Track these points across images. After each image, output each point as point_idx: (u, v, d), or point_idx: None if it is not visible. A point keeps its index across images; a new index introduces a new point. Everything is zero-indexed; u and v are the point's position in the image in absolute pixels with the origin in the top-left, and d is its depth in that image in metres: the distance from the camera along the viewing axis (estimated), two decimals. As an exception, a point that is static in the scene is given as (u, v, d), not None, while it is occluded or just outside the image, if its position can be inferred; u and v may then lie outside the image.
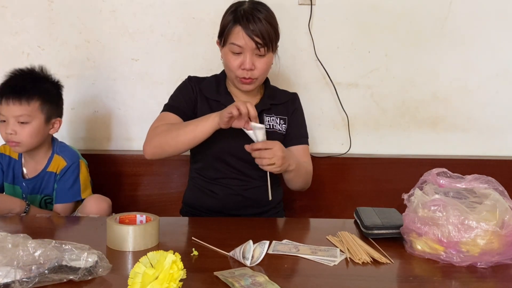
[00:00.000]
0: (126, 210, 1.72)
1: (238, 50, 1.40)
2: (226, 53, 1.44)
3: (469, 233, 1.01)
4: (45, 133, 1.55)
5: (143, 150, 1.44)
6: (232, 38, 1.40)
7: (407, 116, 2.05)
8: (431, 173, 1.16)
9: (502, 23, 1.99)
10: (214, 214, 1.52)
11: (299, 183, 1.51)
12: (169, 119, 1.47)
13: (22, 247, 0.88)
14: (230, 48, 1.42)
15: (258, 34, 1.37)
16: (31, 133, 1.49)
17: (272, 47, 1.43)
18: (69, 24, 1.94)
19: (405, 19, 1.98)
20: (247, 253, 0.99)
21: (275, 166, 1.29)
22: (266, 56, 1.42)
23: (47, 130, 1.55)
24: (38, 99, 1.50)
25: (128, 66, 1.97)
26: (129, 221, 1.13)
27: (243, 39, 1.38)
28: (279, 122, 1.55)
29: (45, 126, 1.54)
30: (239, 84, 1.47)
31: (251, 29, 1.37)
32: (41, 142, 1.56)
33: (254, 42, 1.38)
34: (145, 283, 0.81)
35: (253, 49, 1.39)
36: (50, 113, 1.55)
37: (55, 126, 1.58)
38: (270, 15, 1.43)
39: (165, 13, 1.94)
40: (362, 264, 1.03)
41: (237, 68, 1.42)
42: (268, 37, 1.39)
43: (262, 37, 1.38)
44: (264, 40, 1.38)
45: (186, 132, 1.36)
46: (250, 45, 1.39)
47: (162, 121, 1.46)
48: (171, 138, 1.38)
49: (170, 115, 1.48)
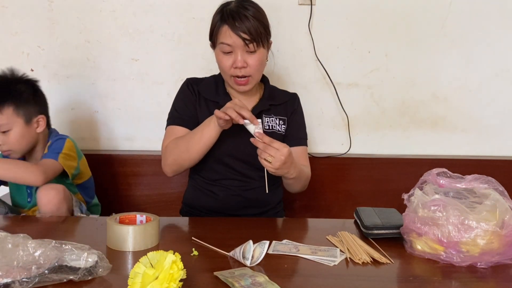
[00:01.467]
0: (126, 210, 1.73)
1: (228, 49, 1.41)
2: (218, 54, 1.45)
3: (469, 233, 1.01)
4: (31, 133, 1.53)
5: (164, 171, 1.47)
6: (221, 38, 1.41)
7: (407, 116, 2.05)
8: (431, 173, 1.16)
9: (502, 23, 1.99)
10: (214, 214, 1.52)
11: (297, 189, 1.51)
12: (177, 133, 1.47)
13: (22, 247, 0.88)
14: (221, 48, 1.42)
15: (245, 31, 1.37)
16: (16, 139, 1.48)
17: (262, 42, 1.42)
18: (69, 24, 1.94)
19: (405, 19, 1.98)
20: (247, 253, 0.99)
21: (271, 166, 1.27)
22: (257, 52, 1.42)
23: (32, 130, 1.53)
24: (10, 105, 1.47)
25: (128, 66, 1.97)
26: (129, 221, 1.13)
27: (230, 38, 1.38)
28: (279, 123, 1.54)
29: (28, 127, 1.51)
30: (234, 85, 1.47)
31: (237, 26, 1.37)
32: (33, 143, 1.55)
33: (241, 39, 1.38)
34: (145, 283, 0.81)
35: (242, 46, 1.39)
36: (29, 114, 1.51)
37: (40, 123, 1.55)
38: (257, 11, 1.42)
39: (165, 13, 1.94)
40: (362, 264, 1.03)
41: (229, 68, 1.42)
42: (256, 32, 1.38)
43: (249, 33, 1.38)
44: (252, 36, 1.38)
45: (195, 143, 1.38)
46: (238, 43, 1.38)
47: (172, 137, 1.46)
48: (183, 152, 1.40)
49: (177, 129, 1.48)
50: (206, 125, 1.37)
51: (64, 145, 1.55)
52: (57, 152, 1.52)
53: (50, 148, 1.54)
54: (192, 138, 1.39)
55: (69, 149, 1.56)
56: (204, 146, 1.38)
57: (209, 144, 1.38)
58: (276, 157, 1.25)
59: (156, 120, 1.96)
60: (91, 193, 1.70)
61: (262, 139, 1.26)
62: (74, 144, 1.61)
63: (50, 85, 1.95)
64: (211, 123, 1.35)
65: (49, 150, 1.54)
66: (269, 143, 1.25)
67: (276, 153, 1.25)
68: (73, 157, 1.58)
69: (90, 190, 1.70)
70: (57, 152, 1.52)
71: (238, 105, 1.28)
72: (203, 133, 1.37)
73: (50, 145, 1.55)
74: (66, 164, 1.53)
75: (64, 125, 1.99)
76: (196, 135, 1.38)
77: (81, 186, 1.65)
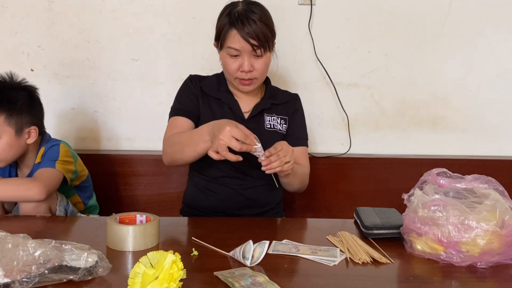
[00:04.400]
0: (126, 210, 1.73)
1: (235, 53, 1.40)
2: (224, 56, 1.44)
3: (469, 233, 1.01)
4: (20, 144, 1.47)
5: (162, 159, 1.46)
6: (229, 42, 1.40)
7: (407, 116, 2.05)
8: (431, 173, 1.16)
9: (502, 23, 1.99)
10: (214, 214, 1.52)
11: (296, 185, 1.50)
12: (179, 124, 1.47)
13: (22, 247, 0.88)
14: (228, 52, 1.42)
15: (254, 36, 1.37)
16: (2, 148, 1.43)
17: (269, 47, 1.42)
18: (69, 24, 1.94)
19: (405, 19, 1.98)
20: (247, 253, 0.99)
21: (291, 162, 1.28)
22: (264, 56, 1.42)
23: (22, 141, 1.47)
24: (2, 113, 1.41)
25: (128, 66, 1.97)
26: (129, 221, 1.13)
27: (239, 43, 1.38)
28: (280, 122, 1.55)
29: (18, 138, 1.45)
30: (239, 85, 1.47)
31: (247, 31, 1.36)
32: (20, 153, 1.50)
33: (250, 44, 1.37)
34: (145, 283, 0.81)
35: (250, 51, 1.39)
36: (20, 124, 1.45)
37: (31, 135, 1.48)
38: (264, 15, 1.41)
39: (165, 13, 1.95)
40: (362, 264, 1.03)
41: (235, 71, 1.42)
42: (264, 38, 1.38)
43: (258, 39, 1.37)
44: (260, 42, 1.38)
45: (189, 151, 1.33)
46: (246, 48, 1.38)
47: (174, 129, 1.46)
48: (178, 152, 1.38)
49: (180, 119, 1.48)
50: (200, 141, 1.29)
51: (59, 152, 1.51)
52: (54, 160, 1.48)
53: (45, 157, 1.49)
54: (187, 146, 1.34)
55: (65, 155, 1.52)
56: (197, 156, 1.34)
57: (203, 154, 1.32)
58: (288, 153, 1.26)
59: (156, 120, 1.96)
60: (89, 192, 1.69)
61: (268, 156, 1.25)
62: (69, 147, 1.57)
63: (50, 85, 1.96)
64: (206, 143, 1.28)
65: (44, 159, 1.49)
66: (275, 152, 1.25)
67: (283, 152, 1.26)
68: (70, 162, 1.54)
69: (88, 189, 1.68)
70: (53, 160, 1.48)
71: (234, 137, 1.18)
72: (198, 146, 1.30)
73: (44, 153, 1.50)
74: (65, 169, 1.49)
75: (64, 125, 1.99)
76: (191, 146, 1.32)
77: (78, 187, 1.64)
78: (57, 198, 1.47)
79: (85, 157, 1.69)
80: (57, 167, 1.46)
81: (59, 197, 1.48)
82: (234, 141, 1.17)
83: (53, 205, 1.45)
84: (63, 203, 1.50)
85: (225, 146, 1.17)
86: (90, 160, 1.71)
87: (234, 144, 1.17)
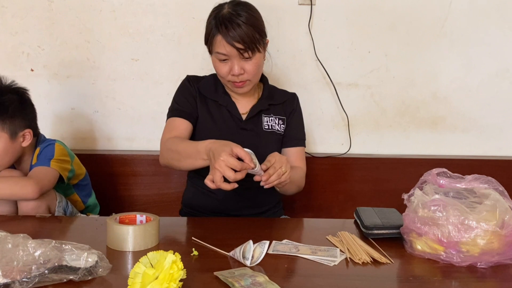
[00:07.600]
0: (126, 210, 1.73)
1: (223, 58, 1.39)
2: (214, 60, 1.44)
3: (469, 233, 1.01)
4: (15, 148, 1.46)
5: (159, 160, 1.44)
6: (216, 47, 1.39)
7: (407, 116, 2.05)
8: (431, 173, 1.16)
9: (502, 23, 1.99)
10: (214, 214, 1.52)
11: (293, 190, 1.49)
12: (177, 125, 1.46)
13: (22, 247, 0.88)
14: (216, 56, 1.41)
15: (239, 40, 1.34)
16: None
17: (258, 48, 1.39)
18: (69, 24, 1.94)
19: (405, 19, 1.98)
20: (247, 253, 0.99)
21: (288, 172, 1.24)
22: (254, 58, 1.39)
23: (17, 145, 1.46)
24: None
25: (128, 66, 1.97)
26: (129, 221, 1.13)
27: (224, 48, 1.36)
28: (278, 122, 1.54)
29: (13, 143, 1.44)
30: (233, 88, 1.47)
31: (231, 36, 1.34)
32: (17, 157, 1.49)
33: (235, 48, 1.35)
34: (145, 283, 0.81)
35: (237, 55, 1.37)
36: (14, 128, 1.44)
37: (25, 138, 1.48)
38: (251, 16, 1.38)
39: (165, 13, 1.95)
40: (362, 264, 1.03)
41: (227, 74, 1.42)
42: (250, 40, 1.35)
43: (243, 42, 1.35)
44: (246, 45, 1.35)
45: (187, 163, 1.31)
46: (233, 52, 1.36)
47: (172, 131, 1.44)
48: (175, 160, 1.35)
49: (177, 121, 1.47)
50: (200, 158, 1.25)
51: (54, 151, 1.50)
52: (49, 158, 1.47)
53: (40, 156, 1.48)
54: (185, 158, 1.30)
55: (61, 154, 1.51)
56: (194, 169, 1.32)
57: (199, 168, 1.30)
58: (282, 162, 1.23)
59: (156, 120, 1.96)
60: (87, 190, 1.69)
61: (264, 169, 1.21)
62: (64, 146, 1.56)
63: (50, 85, 1.96)
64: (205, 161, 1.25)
65: (39, 158, 1.48)
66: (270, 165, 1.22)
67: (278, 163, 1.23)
68: (66, 160, 1.53)
69: (87, 187, 1.68)
70: (48, 158, 1.47)
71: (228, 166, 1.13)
72: (195, 163, 1.28)
73: (39, 153, 1.49)
74: (61, 168, 1.49)
75: (64, 125, 1.99)
76: (189, 159, 1.29)
77: (77, 185, 1.64)
78: (56, 199, 1.47)
79: (85, 157, 1.69)
80: (52, 166, 1.46)
81: (58, 198, 1.48)
82: (228, 171, 1.12)
83: (52, 206, 1.45)
84: (62, 204, 1.50)
85: (220, 175, 1.13)
86: (90, 160, 1.71)
87: (228, 174, 1.12)
